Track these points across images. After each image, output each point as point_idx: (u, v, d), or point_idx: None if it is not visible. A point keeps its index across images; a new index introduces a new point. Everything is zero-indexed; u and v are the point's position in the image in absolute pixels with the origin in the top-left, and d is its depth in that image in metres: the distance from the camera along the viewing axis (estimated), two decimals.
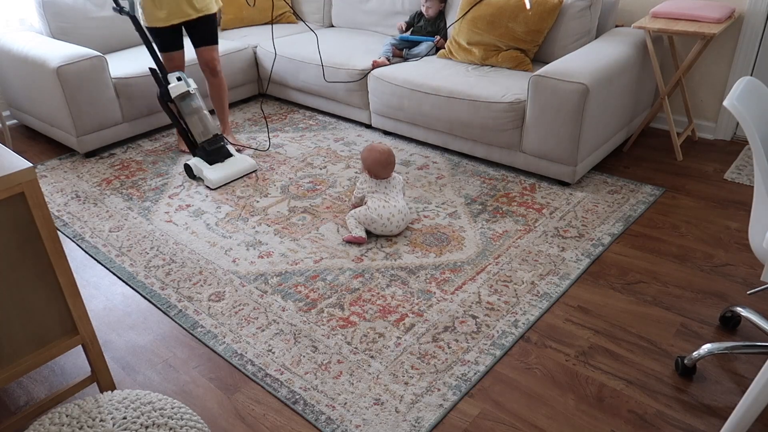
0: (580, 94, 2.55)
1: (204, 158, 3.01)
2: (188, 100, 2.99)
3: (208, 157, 3.00)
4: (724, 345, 1.75)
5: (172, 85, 2.95)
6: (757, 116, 1.50)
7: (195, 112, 3.00)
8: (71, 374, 1.93)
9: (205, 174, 2.95)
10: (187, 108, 2.98)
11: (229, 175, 2.99)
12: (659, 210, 2.65)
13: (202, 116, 3.02)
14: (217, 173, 2.95)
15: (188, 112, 2.99)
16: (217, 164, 2.99)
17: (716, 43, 3.11)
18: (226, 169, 2.99)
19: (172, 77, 2.97)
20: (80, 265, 2.46)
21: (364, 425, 1.67)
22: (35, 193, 1.44)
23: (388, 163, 2.50)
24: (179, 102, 2.98)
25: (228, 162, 3.02)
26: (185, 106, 2.98)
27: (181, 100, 2.98)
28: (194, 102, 3.00)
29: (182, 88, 2.95)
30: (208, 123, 3.04)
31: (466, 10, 3.23)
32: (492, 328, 2.00)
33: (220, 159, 3.02)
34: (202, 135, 3.01)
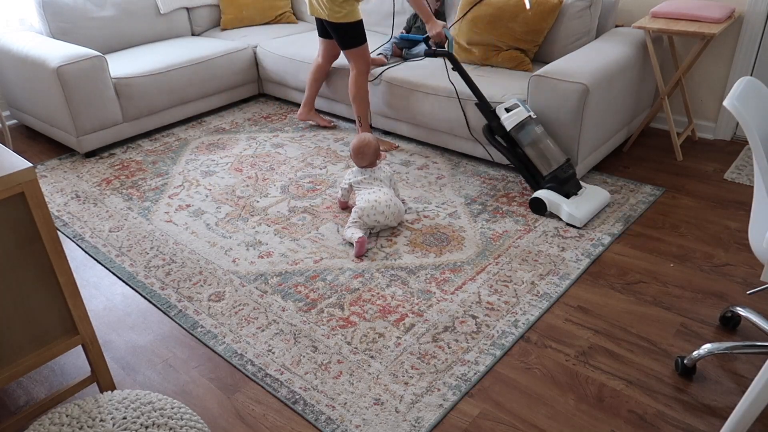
0: (580, 94, 2.55)
1: (558, 190, 2.58)
2: (528, 128, 2.60)
3: (561, 187, 2.58)
4: (724, 345, 1.75)
5: (507, 116, 2.61)
6: (757, 116, 1.50)
7: (541, 139, 2.59)
8: (71, 374, 1.93)
9: (568, 210, 2.51)
10: (529, 137, 2.59)
11: (594, 209, 2.57)
12: (659, 210, 2.65)
13: (546, 144, 2.60)
14: (582, 208, 2.53)
15: (532, 141, 2.60)
16: (574, 197, 2.58)
17: (716, 43, 3.11)
18: (588, 202, 2.57)
19: (500, 108, 2.66)
20: (80, 265, 2.46)
21: (364, 425, 1.67)
22: (35, 193, 1.44)
23: (361, 151, 2.57)
24: (517, 132, 2.61)
25: (584, 193, 2.61)
26: (526, 135, 2.60)
27: (520, 130, 2.60)
28: (538, 127, 2.60)
29: (522, 116, 2.59)
30: (555, 148, 2.61)
31: (466, 10, 3.23)
32: (492, 328, 2.00)
33: (574, 189, 2.60)
34: (553, 162, 2.59)
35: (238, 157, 3.29)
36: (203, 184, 3.03)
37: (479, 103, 2.73)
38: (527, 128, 2.59)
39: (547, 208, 2.58)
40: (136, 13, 3.89)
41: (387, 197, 2.49)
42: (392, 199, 2.50)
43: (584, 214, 2.51)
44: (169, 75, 3.51)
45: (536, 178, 2.66)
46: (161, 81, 3.48)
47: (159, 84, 3.48)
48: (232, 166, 3.20)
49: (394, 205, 2.49)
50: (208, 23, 4.35)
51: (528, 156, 2.63)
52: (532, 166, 2.65)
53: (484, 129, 2.74)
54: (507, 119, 2.60)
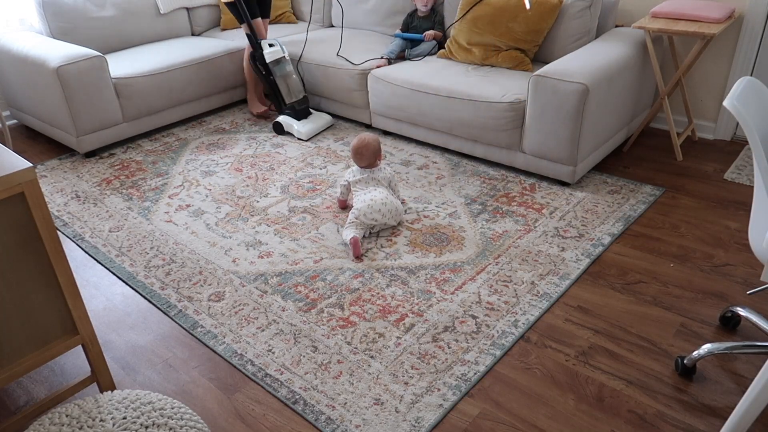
0: (580, 94, 2.55)
1: (293, 116, 3.46)
2: (282, 64, 3.43)
3: (296, 114, 3.46)
4: (724, 345, 1.75)
5: (269, 51, 3.36)
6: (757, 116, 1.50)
7: (287, 76, 3.45)
8: (71, 374, 1.93)
9: (297, 128, 3.40)
10: (280, 71, 3.42)
11: (317, 128, 3.46)
12: (659, 210, 2.65)
13: (293, 79, 3.48)
14: (307, 126, 3.41)
15: (282, 75, 3.43)
16: (303, 120, 3.45)
17: (716, 43, 3.11)
18: (313, 123, 3.45)
19: (264, 43, 3.38)
20: (80, 265, 2.46)
21: (364, 425, 1.67)
22: (35, 193, 1.44)
23: (359, 152, 2.58)
24: (273, 66, 3.39)
25: (311, 118, 3.50)
26: (279, 69, 3.41)
27: (276, 65, 3.40)
28: (287, 66, 3.45)
29: (278, 54, 3.39)
30: (298, 84, 3.51)
31: (466, 10, 3.23)
32: (492, 328, 2.00)
33: (305, 116, 3.49)
34: (292, 95, 3.47)
35: (238, 157, 3.29)
36: (203, 184, 3.03)
37: (250, 36, 3.43)
38: (281, 64, 3.43)
39: (284, 128, 3.47)
40: (136, 13, 3.89)
41: (382, 196, 2.49)
42: (388, 197, 2.50)
43: (309, 130, 3.42)
44: (169, 75, 3.51)
45: (281, 105, 3.50)
46: (161, 81, 3.48)
47: (159, 84, 3.48)
48: (232, 166, 3.20)
49: (390, 203, 2.49)
50: (208, 23, 4.35)
51: (278, 86, 3.44)
52: (280, 95, 3.47)
53: (250, 55, 3.50)
54: (268, 53, 3.37)
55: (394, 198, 2.55)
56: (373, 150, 2.58)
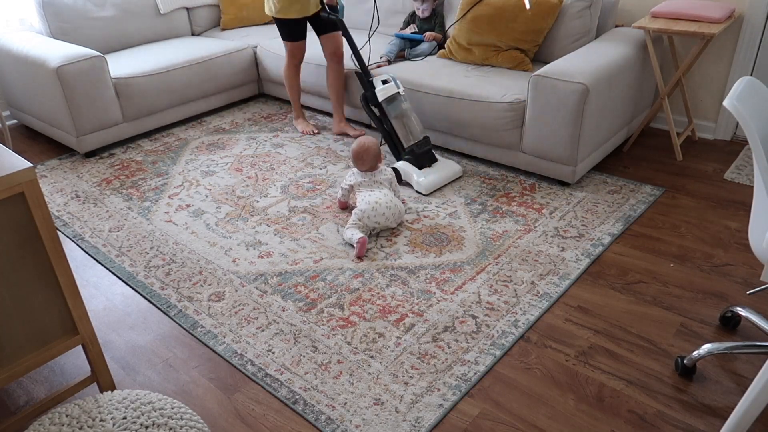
0: (580, 94, 2.55)
1: (413, 162, 2.86)
2: (397, 102, 2.90)
3: (417, 161, 2.86)
4: (724, 345, 1.75)
5: (381, 88, 2.88)
6: (757, 116, 1.50)
7: (403, 115, 2.89)
8: (71, 374, 1.93)
9: (416, 179, 2.81)
10: (395, 110, 2.89)
11: (441, 180, 2.85)
12: (659, 210, 2.65)
13: (411, 118, 2.91)
14: (429, 178, 2.81)
15: (397, 114, 2.89)
16: (426, 169, 2.85)
17: (716, 43, 3.11)
18: (436, 173, 2.85)
19: (377, 80, 2.94)
20: (80, 265, 2.46)
21: (364, 425, 1.67)
22: (35, 193, 1.44)
23: (360, 156, 2.58)
24: (387, 104, 2.89)
25: (436, 166, 2.89)
26: (393, 108, 2.89)
27: (389, 104, 2.89)
28: (404, 103, 2.91)
29: (391, 90, 2.88)
30: (417, 125, 2.94)
31: (466, 10, 3.23)
32: (492, 328, 2.00)
33: (428, 162, 2.87)
34: (411, 138, 2.89)
35: (238, 157, 3.29)
36: (203, 184, 3.03)
37: (359, 71, 3.01)
38: (395, 102, 2.89)
39: (402, 176, 2.88)
40: (136, 13, 3.89)
41: (387, 198, 2.49)
42: (393, 200, 2.50)
43: (431, 183, 2.81)
44: (169, 75, 3.51)
45: (398, 149, 2.94)
46: (161, 81, 3.48)
47: (159, 84, 3.48)
48: (232, 166, 3.20)
49: (394, 206, 2.50)
50: (208, 23, 4.35)
51: (394, 128, 2.90)
52: (397, 138, 2.91)
53: (361, 97, 3.03)
54: (380, 91, 2.88)
55: (397, 200, 2.55)
56: (373, 154, 2.57)
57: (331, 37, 3.25)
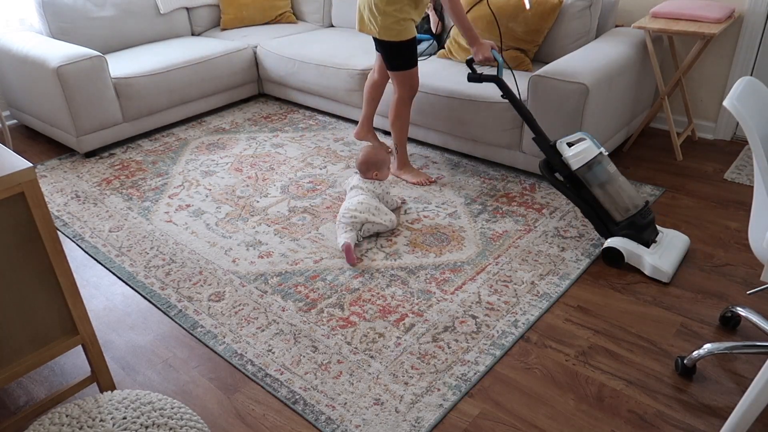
0: (580, 94, 2.55)
1: (635, 238, 2.24)
2: (599, 167, 2.22)
3: (639, 234, 2.23)
4: (724, 345, 1.75)
5: (574, 153, 2.22)
6: (757, 116, 1.50)
7: (613, 179, 2.23)
8: (71, 374, 1.93)
9: (652, 263, 2.18)
10: (599, 177, 2.22)
11: (677, 258, 2.25)
12: (659, 210, 2.65)
13: (620, 185, 2.24)
14: (666, 260, 2.20)
15: (603, 182, 2.22)
16: (654, 246, 2.25)
17: (716, 43, 3.11)
18: (670, 251, 2.25)
19: (561, 144, 2.28)
20: (80, 265, 2.46)
21: (364, 425, 1.67)
22: (35, 193, 1.44)
23: (361, 167, 2.62)
24: (586, 172, 2.22)
25: (663, 240, 2.29)
26: (596, 175, 2.22)
27: (587, 171, 2.22)
28: (610, 166, 2.24)
29: (591, 153, 2.20)
30: (631, 189, 2.27)
31: (466, 11, 3.22)
32: (492, 328, 2.00)
33: (653, 237, 2.26)
34: (629, 208, 2.24)
35: (238, 157, 3.29)
36: (203, 184, 3.03)
37: (537, 137, 2.34)
38: (597, 167, 2.20)
39: (625, 259, 2.24)
40: (136, 13, 3.89)
41: (360, 198, 2.50)
42: (365, 200, 2.49)
43: (671, 266, 2.19)
44: (169, 75, 3.51)
45: (607, 224, 2.29)
46: (161, 81, 3.48)
47: (159, 84, 3.48)
48: (232, 166, 3.20)
49: (366, 202, 2.48)
50: (208, 23, 4.35)
51: (598, 199, 2.25)
52: (603, 210, 2.27)
53: (542, 165, 2.34)
54: (573, 157, 2.22)
55: (372, 199, 2.51)
56: (374, 165, 2.60)
57: None
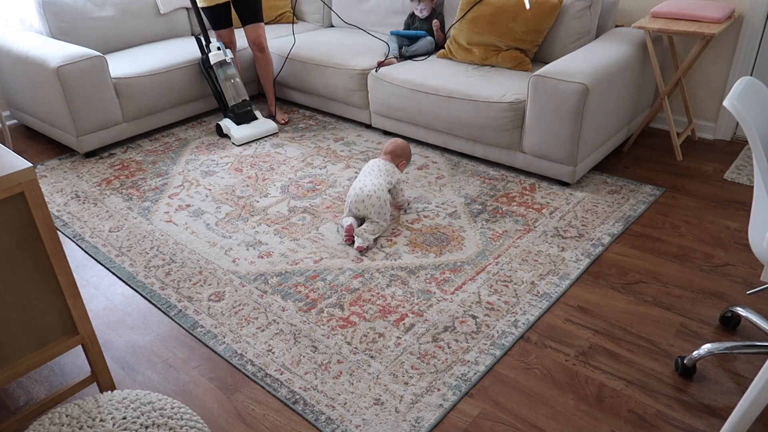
0: (580, 94, 2.55)
1: (233, 119, 3.47)
2: (225, 67, 3.45)
3: (236, 118, 3.46)
4: (724, 345, 1.75)
5: (212, 53, 3.42)
6: (757, 116, 1.50)
7: (229, 79, 3.47)
8: (71, 374, 1.93)
9: (232, 132, 3.41)
10: (222, 74, 3.45)
11: (253, 134, 3.44)
12: (659, 210, 2.65)
13: (235, 83, 3.49)
14: (242, 132, 3.41)
15: (223, 78, 3.46)
16: (243, 125, 3.46)
17: (716, 43, 3.11)
18: (251, 129, 3.45)
19: (213, 46, 3.43)
20: (80, 265, 2.46)
21: (364, 425, 1.67)
22: (35, 193, 1.44)
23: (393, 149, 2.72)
24: (217, 69, 3.44)
25: (253, 123, 3.49)
26: (221, 72, 3.45)
27: (219, 67, 3.44)
28: (229, 70, 3.47)
29: (220, 57, 3.42)
30: (240, 89, 3.51)
31: (466, 11, 3.23)
32: (492, 328, 2.00)
33: (246, 120, 3.48)
34: (233, 99, 3.47)
35: (238, 157, 3.29)
36: (203, 184, 3.03)
37: (198, 36, 3.49)
38: (224, 67, 3.46)
39: (223, 131, 3.50)
40: (136, 13, 3.89)
41: (373, 187, 2.48)
42: (377, 191, 2.47)
43: (244, 136, 3.41)
44: (169, 75, 3.51)
45: (225, 107, 3.55)
46: (161, 81, 3.48)
47: (159, 84, 3.48)
48: (232, 166, 3.20)
49: (376, 198, 2.46)
50: (208, 23, 4.34)
51: (222, 88, 3.49)
52: (223, 97, 3.52)
53: (200, 60, 3.56)
54: (212, 56, 3.42)
55: (382, 194, 2.49)
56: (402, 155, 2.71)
57: (252, 28, 3.53)
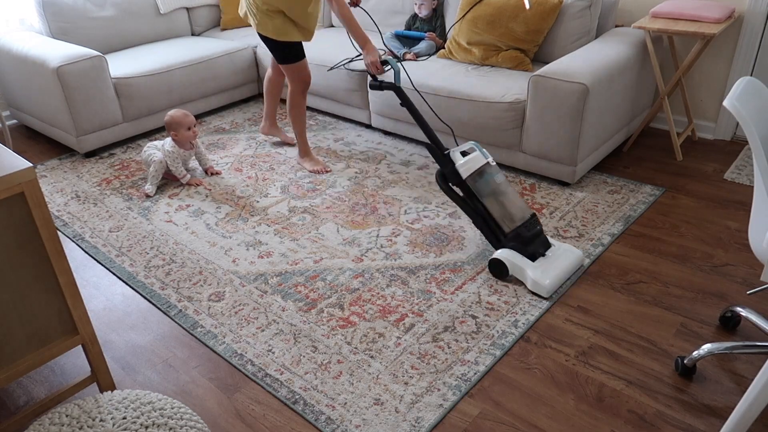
0: (580, 94, 2.55)
1: (521, 251, 2.20)
2: (488, 175, 2.25)
3: (525, 247, 2.20)
4: (724, 345, 1.75)
5: (463, 161, 2.22)
6: (757, 116, 1.50)
7: (500, 190, 2.26)
8: (71, 374, 1.93)
9: (532, 275, 2.14)
10: (487, 187, 2.23)
11: (563, 274, 2.20)
12: (659, 210, 2.65)
13: (509, 194, 2.27)
14: (549, 274, 2.15)
15: (490, 192, 2.24)
16: (540, 259, 2.21)
17: (716, 43, 3.11)
18: (554, 266, 2.19)
19: (455, 152, 2.26)
20: (80, 265, 2.46)
21: (364, 425, 1.67)
22: (35, 193, 1.44)
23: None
24: (474, 181, 2.23)
25: (552, 254, 2.23)
26: (484, 184, 2.23)
27: (478, 178, 2.23)
28: (498, 176, 2.27)
29: (479, 162, 2.23)
30: (519, 201, 2.29)
31: (466, 10, 3.23)
32: (492, 328, 2.00)
33: (541, 249, 2.23)
34: (513, 218, 2.24)
35: (238, 157, 3.29)
36: (203, 184, 3.03)
37: (431, 145, 2.31)
38: (485, 177, 2.24)
39: (509, 271, 2.20)
40: (136, 13, 3.89)
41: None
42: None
43: (552, 282, 2.14)
44: (169, 75, 3.51)
45: (497, 235, 2.26)
46: (161, 81, 3.48)
47: (159, 84, 3.48)
48: (232, 166, 3.20)
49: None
50: (208, 23, 4.35)
51: (487, 209, 2.24)
52: (493, 221, 2.25)
53: (437, 175, 2.31)
54: (462, 165, 2.22)
55: None
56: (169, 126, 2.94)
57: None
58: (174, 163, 2.97)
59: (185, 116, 2.97)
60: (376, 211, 2.70)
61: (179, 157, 2.99)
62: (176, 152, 2.98)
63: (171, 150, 2.96)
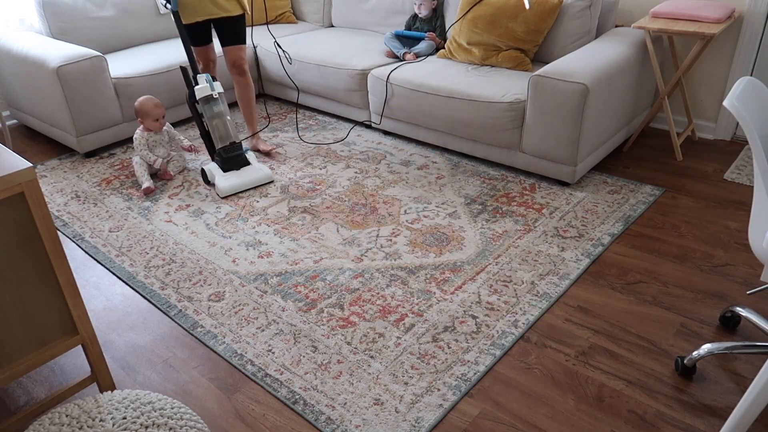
0: (580, 94, 2.55)
1: (219, 165, 2.94)
2: (211, 103, 2.91)
3: (223, 164, 2.93)
4: (724, 345, 1.75)
5: (198, 87, 2.90)
6: (757, 116, 1.50)
7: (217, 117, 2.91)
8: (71, 374, 1.93)
9: (216, 181, 2.88)
10: (209, 111, 2.91)
11: (240, 185, 2.89)
12: (659, 210, 2.65)
13: (224, 121, 2.93)
14: (228, 182, 2.87)
15: (210, 116, 2.91)
16: (231, 172, 2.92)
17: (716, 43, 3.11)
18: (238, 178, 2.90)
19: (201, 78, 2.91)
20: (80, 265, 2.46)
21: (364, 425, 1.67)
22: (35, 193, 1.44)
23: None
24: (203, 105, 2.91)
25: (243, 171, 2.93)
26: (208, 109, 2.91)
27: (205, 103, 2.90)
28: (217, 106, 2.91)
29: (206, 91, 2.88)
30: (229, 129, 2.94)
31: (466, 10, 3.23)
32: (492, 328, 2.00)
33: (235, 167, 2.94)
34: (220, 140, 2.93)
35: None
36: (203, 183, 3.03)
37: (183, 67, 2.98)
38: (210, 104, 2.91)
39: (209, 178, 2.96)
40: (136, 13, 3.89)
41: None
42: None
43: (228, 187, 2.86)
44: (169, 75, 3.51)
45: (212, 149, 3.01)
46: (161, 81, 3.48)
47: (159, 84, 3.48)
48: None
49: None
50: None
51: (209, 127, 2.95)
52: (209, 138, 2.99)
53: (187, 95, 2.99)
54: (198, 90, 2.89)
55: None
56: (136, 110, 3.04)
57: (232, 50, 3.10)
58: (141, 149, 3.01)
59: (155, 107, 3.00)
60: (376, 211, 2.70)
61: (146, 142, 3.02)
62: (141, 138, 3.02)
63: (136, 136, 3.01)
